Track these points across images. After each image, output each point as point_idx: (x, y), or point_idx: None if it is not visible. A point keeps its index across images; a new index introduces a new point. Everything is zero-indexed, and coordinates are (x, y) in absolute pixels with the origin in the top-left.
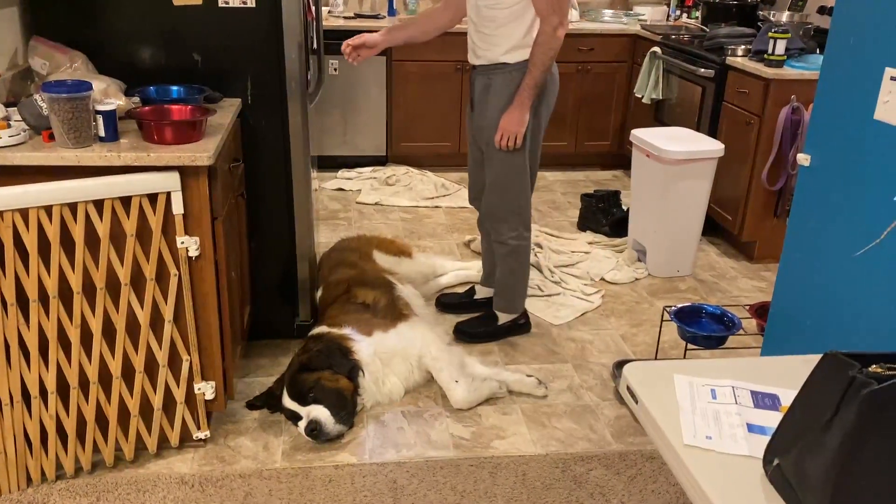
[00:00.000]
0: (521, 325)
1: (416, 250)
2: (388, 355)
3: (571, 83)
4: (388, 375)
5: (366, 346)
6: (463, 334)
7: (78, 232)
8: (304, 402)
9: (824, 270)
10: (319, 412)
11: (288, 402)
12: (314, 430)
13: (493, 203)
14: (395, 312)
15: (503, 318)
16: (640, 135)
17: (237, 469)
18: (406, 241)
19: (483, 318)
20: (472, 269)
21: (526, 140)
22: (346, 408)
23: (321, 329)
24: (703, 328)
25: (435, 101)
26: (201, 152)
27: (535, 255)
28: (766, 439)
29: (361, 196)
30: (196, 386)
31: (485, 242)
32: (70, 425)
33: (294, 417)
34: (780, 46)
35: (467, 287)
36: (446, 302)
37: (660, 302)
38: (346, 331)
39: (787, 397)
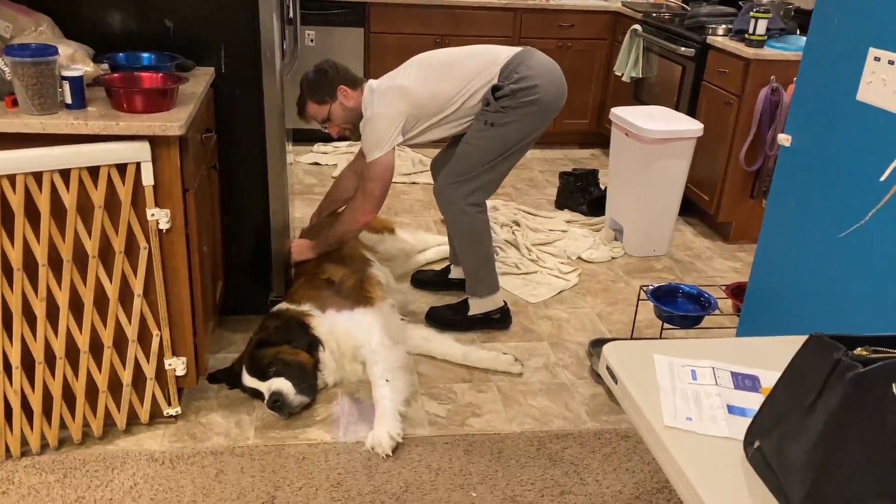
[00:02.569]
0: (496, 319)
1: (398, 226)
2: (340, 336)
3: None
4: (344, 357)
5: (324, 322)
6: (433, 320)
7: (43, 202)
8: (264, 377)
9: (804, 251)
10: (281, 384)
11: (248, 379)
12: (277, 401)
13: (454, 165)
14: (359, 295)
15: (475, 307)
16: (619, 113)
17: (209, 446)
18: (387, 218)
19: (455, 307)
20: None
21: (498, 145)
22: (308, 380)
23: (280, 306)
24: (680, 308)
25: None
26: (172, 122)
27: (513, 232)
28: (747, 421)
29: (337, 171)
30: (167, 362)
31: None
32: (36, 401)
33: (257, 395)
34: (761, 26)
35: (445, 265)
36: (421, 279)
37: (636, 281)
38: (305, 307)
39: (768, 378)
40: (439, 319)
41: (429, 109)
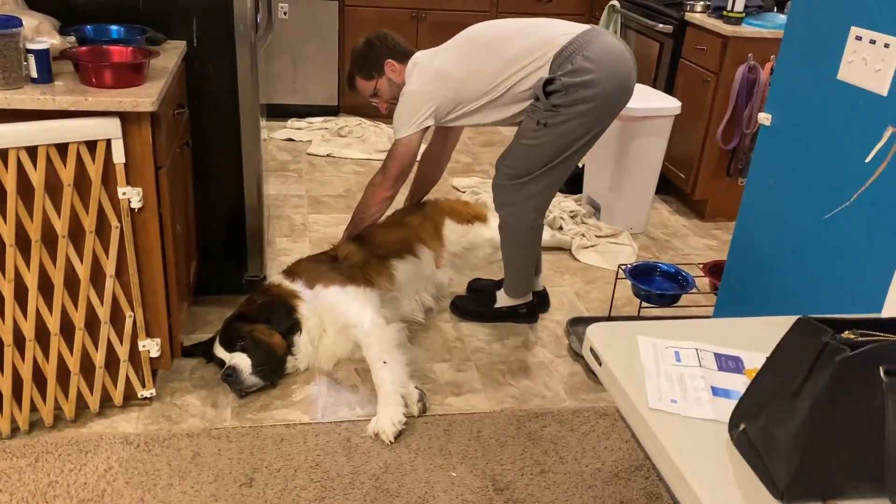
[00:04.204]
0: (522, 314)
1: (490, 213)
2: (324, 312)
3: None
4: (324, 335)
5: (307, 302)
6: (456, 309)
7: (10, 180)
8: (231, 349)
9: (783, 230)
10: (240, 360)
11: (217, 348)
12: (230, 375)
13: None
14: (355, 274)
15: (502, 301)
16: None
17: (184, 428)
18: (479, 207)
19: (481, 297)
20: (567, 234)
21: (552, 147)
22: (271, 364)
23: (275, 279)
24: (657, 286)
25: None
26: (144, 97)
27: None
28: (731, 403)
29: (312, 147)
30: (140, 343)
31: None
32: (5, 384)
33: (223, 366)
34: (739, 3)
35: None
36: (475, 287)
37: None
38: (297, 286)
39: (751, 359)
40: (463, 310)
41: (468, 93)
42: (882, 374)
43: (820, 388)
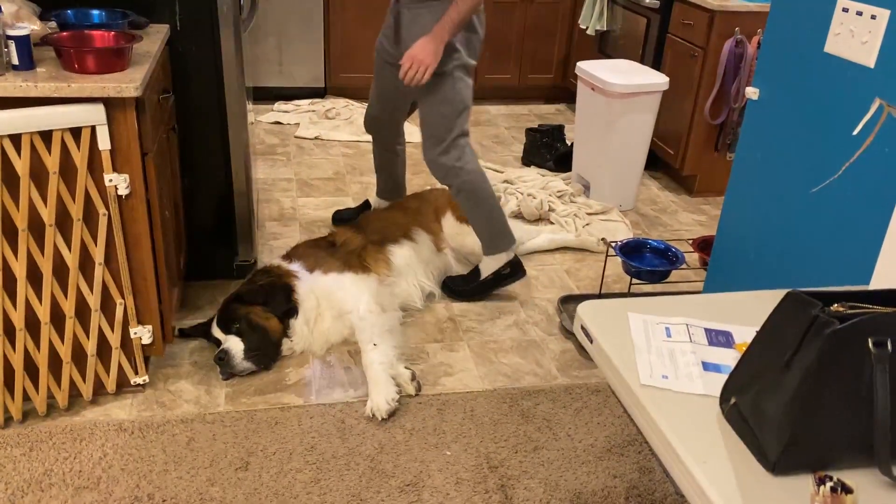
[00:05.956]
0: (507, 275)
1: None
2: (321, 297)
3: (515, 13)
4: (320, 319)
5: (305, 283)
6: (449, 291)
7: None
8: (227, 331)
9: (771, 205)
10: (233, 344)
11: (214, 328)
12: (222, 359)
13: (432, 124)
14: (353, 261)
15: (485, 270)
16: (585, 67)
17: (178, 414)
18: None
19: (467, 276)
20: (570, 233)
21: (449, 82)
22: (264, 349)
23: (275, 262)
24: (647, 262)
25: (375, 30)
26: (128, 83)
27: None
28: (722, 377)
29: (300, 130)
30: (132, 330)
31: (377, 153)
32: None
33: (219, 345)
34: None
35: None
36: (339, 217)
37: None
38: (295, 266)
39: (741, 334)
40: (453, 290)
41: None
42: (871, 345)
43: (810, 361)
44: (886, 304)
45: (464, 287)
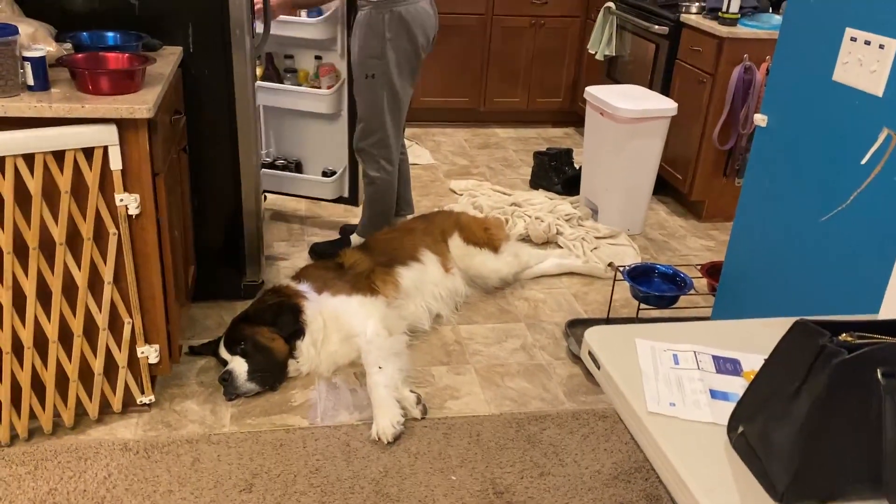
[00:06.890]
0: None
1: (507, 243)
2: (329, 319)
3: (524, 38)
4: (327, 341)
5: (314, 304)
6: (315, 254)
7: (7, 188)
8: (232, 351)
9: (780, 232)
10: (237, 365)
11: (222, 349)
12: (226, 380)
13: (357, 134)
14: (361, 283)
15: (356, 241)
16: (594, 92)
17: (184, 434)
18: (500, 232)
19: (336, 242)
20: (578, 259)
21: (380, 75)
22: (270, 370)
23: (285, 282)
24: (655, 287)
25: None
26: (140, 104)
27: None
28: (729, 405)
29: None
30: (139, 349)
31: None
32: (3, 392)
33: (226, 365)
34: (735, 4)
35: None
36: (316, 250)
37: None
38: (303, 287)
39: (749, 361)
40: (321, 254)
41: None
42: (879, 376)
43: (818, 391)
44: (895, 334)
45: (328, 251)
